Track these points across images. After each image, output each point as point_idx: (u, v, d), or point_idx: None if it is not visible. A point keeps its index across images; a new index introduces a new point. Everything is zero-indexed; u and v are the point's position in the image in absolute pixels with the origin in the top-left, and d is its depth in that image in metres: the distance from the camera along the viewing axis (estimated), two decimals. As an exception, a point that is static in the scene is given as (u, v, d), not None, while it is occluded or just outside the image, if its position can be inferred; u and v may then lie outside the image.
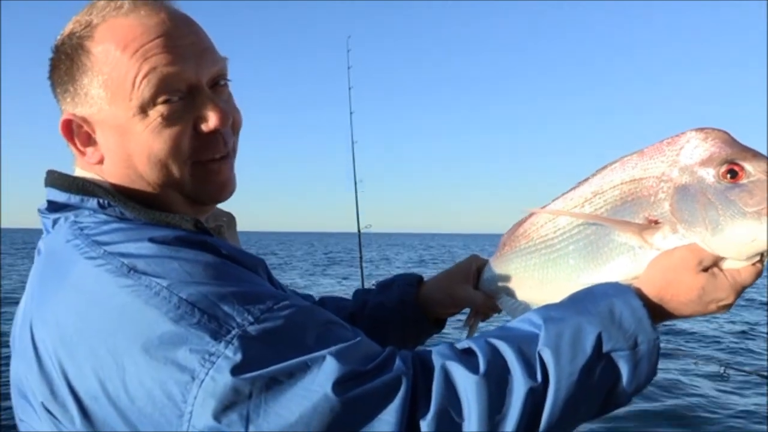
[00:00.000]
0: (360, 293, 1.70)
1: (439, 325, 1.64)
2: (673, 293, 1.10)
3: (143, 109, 1.09)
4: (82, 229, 1.07)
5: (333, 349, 0.96)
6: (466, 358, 1.02)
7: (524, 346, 1.01)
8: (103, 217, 1.09)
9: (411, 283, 1.62)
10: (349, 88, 3.62)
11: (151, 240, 1.02)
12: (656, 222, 1.16)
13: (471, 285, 1.54)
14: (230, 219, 1.38)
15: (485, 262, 1.55)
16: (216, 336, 0.92)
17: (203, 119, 1.14)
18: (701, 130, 1.17)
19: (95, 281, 0.99)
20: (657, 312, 1.10)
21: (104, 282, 0.98)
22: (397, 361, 0.99)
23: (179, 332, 0.92)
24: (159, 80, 1.08)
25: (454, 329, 1.64)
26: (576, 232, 1.28)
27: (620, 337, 1.02)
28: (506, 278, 1.44)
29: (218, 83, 1.19)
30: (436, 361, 1.01)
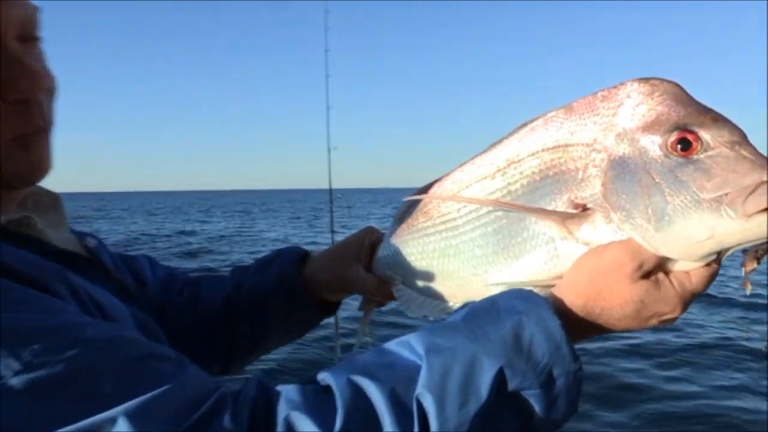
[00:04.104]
0: (237, 272, 1.39)
1: (329, 310, 1.35)
2: (603, 306, 0.83)
3: None
4: None
5: (132, 404, 0.69)
6: (321, 406, 0.75)
7: (400, 386, 0.75)
8: None
9: (292, 261, 1.32)
10: (326, 51, 3.28)
11: None
12: (584, 207, 0.89)
13: (362, 265, 1.26)
14: (53, 200, 1.05)
15: (381, 238, 1.26)
16: None
17: (11, 84, 0.85)
18: (646, 81, 0.88)
19: None
20: (580, 330, 0.84)
21: None
22: (225, 417, 0.72)
23: None
24: None
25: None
26: (484, 213, 1.00)
27: (529, 372, 0.76)
28: (401, 264, 1.15)
29: (28, 37, 0.88)
30: (281, 411, 0.75)
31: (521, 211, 0.93)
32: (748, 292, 0.86)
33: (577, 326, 0.83)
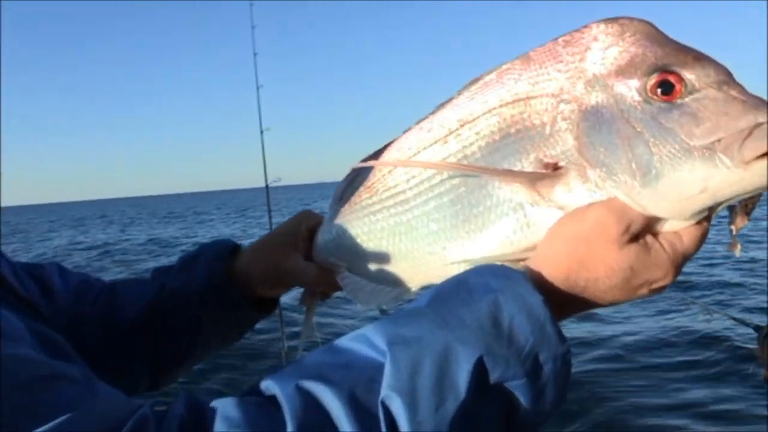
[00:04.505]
0: (158, 274, 1.22)
1: (267, 308, 1.20)
2: (588, 277, 0.72)
3: None
4: None
5: None
6: (265, 420, 0.62)
7: (360, 389, 0.63)
8: None
9: (220, 256, 1.16)
10: (252, 27, 3.08)
11: None
12: (555, 166, 0.78)
13: (301, 254, 1.12)
14: None
15: (320, 222, 1.12)
16: None
17: None
18: (613, 20, 0.78)
19: None
20: (563, 306, 0.73)
21: None
22: None
23: None
24: None
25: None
26: (438, 182, 0.87)
27: (512, 359, 0.65)
28: (345, 248, 1.02)
29: None
30: (218, 430, 0.61)
31: (483, 175, 0.82)
32: (737, 254, 0.77)
33: (560, 302, 0.72)
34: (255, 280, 1.14)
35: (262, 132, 3.61)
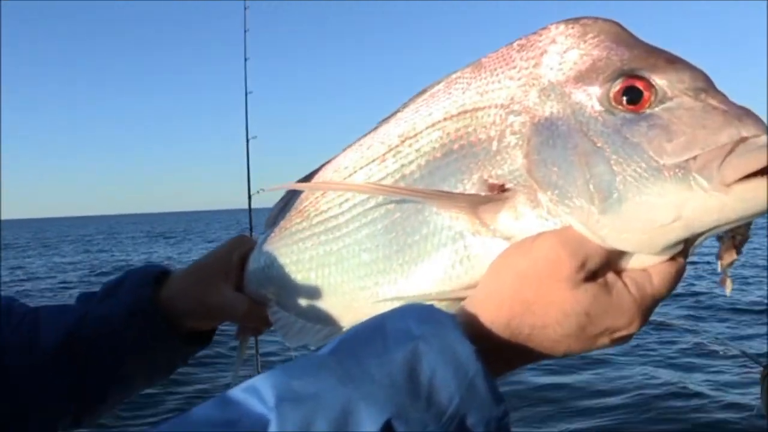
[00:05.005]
0: (82, 300, 1.10)
1: (202, 340, 1.07)
2: (534, 323, 0.60)
3: None
4: None
5: None
6: None
7: None
8: None
9: (145, 282, 1.04)
10: (245, 31, 3.03)
11: None
12: (502, 188, 0.66)
13: (231, 285, 0.99)
14: None
15: (252, 248, 1.00)
16: None
17: None
18: (575, 21, 0.67)
19: None
20: (503, 359, 0.61)
21: None
22: None
23: None
24: None
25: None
26: (372, 207, 0.76)
27: (431, 423, 0.52)
28: (274, 279, 0.90)
29: None
30: None
31: (418, 198, 0.70)
32: (727, 292, 0.64)
33: (499, 354, 0.59)
34: (182, 311, 1.01)
35: (248, 140, 3.51)
